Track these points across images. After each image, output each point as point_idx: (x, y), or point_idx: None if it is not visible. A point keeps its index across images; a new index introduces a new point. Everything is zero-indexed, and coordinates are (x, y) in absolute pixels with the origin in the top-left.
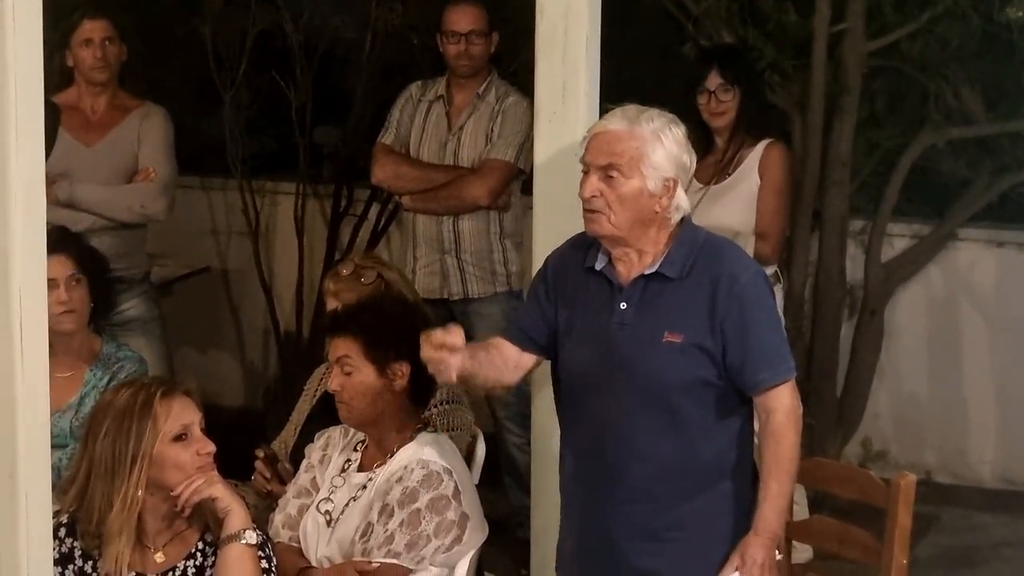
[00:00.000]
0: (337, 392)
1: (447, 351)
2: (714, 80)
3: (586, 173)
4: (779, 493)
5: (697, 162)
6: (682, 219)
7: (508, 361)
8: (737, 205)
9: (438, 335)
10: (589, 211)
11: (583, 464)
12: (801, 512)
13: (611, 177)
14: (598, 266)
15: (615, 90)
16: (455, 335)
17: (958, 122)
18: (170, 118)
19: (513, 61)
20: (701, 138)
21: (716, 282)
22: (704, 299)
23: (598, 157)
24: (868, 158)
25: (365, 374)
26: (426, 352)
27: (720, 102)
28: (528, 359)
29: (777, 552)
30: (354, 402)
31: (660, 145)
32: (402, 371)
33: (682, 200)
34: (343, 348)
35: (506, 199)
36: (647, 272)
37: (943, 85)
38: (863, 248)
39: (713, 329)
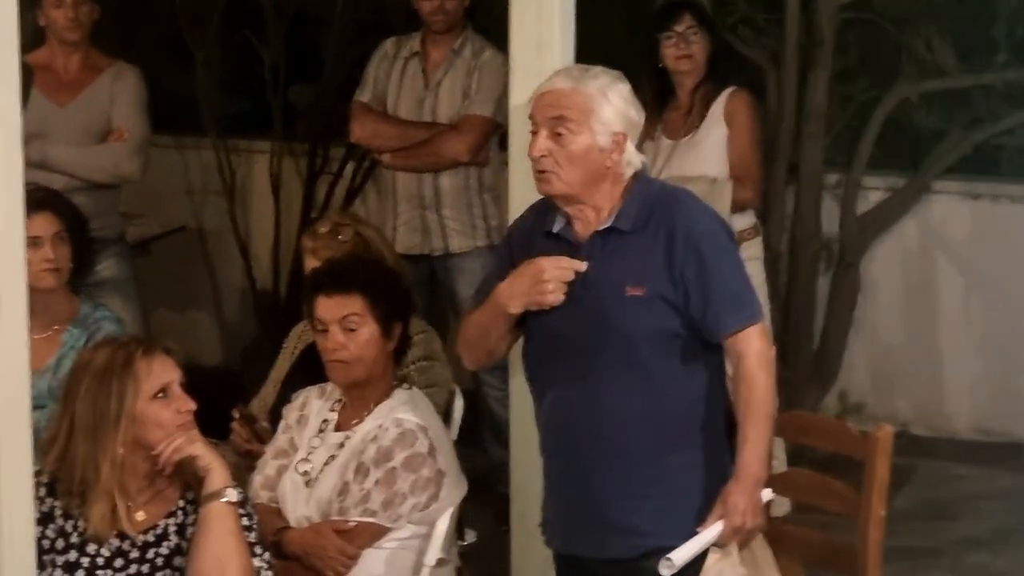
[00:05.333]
0: (336, 352)
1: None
2: (685, 23)
3: (534, 133)
4: (757, 437)
5: (661, 117)
6: (636, 174)
7: None
8: (709, 155)
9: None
10: (540, 171)
11: (557, 425)
12: (781, 466)
13: (560, 135)
14: (555, 228)
15: (588, 46)
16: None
17: (932, 75)
18: (143, 77)
19: (486, 18)
20: (663, 91)
21: (672, 232)
22: (662, 250)
23: (547, 111)
24: (842, 111)
25: (371, 332)
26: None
27: (689, 44)
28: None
29: (769, 492)
30: (357, 361)
31: (607, 101)
32: (397, 330)
33: (632, 155)
34: (348, 306)
35: (485, 154)
36: (602, 227)
37: (916, 38)
38: (838, 201)
39: (673, 279)
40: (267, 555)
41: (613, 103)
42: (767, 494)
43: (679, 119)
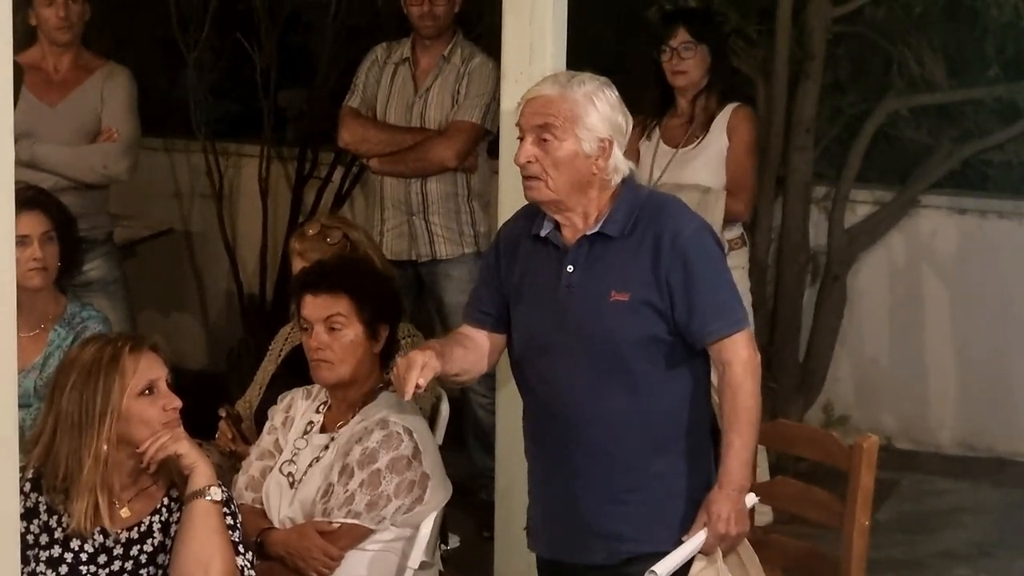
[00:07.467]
0: (319, 351)
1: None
2: (679, 38)
3: (521, 139)
4: (741, 445)
5: (661, 124)
6: (624, 180)
7: (481, 349)
8: (708, 166)
9: (418, 358)
10: (527, 178)
11: (541, 429)
12: (763, 475)
13: (545, 141)
14: (543, 232)
15: (580, 53)
16: (429, 366)
17: (921, 89)
18: (133, 78)
19: (477, 25)
20: (663, 99)
21: (659, 238)
22: (648, 256)
23: (532, 118)
24: (832, 124)
25: (356, 333)
26: (403, 369)
27: (682, 59)
28: (499, 339)
29: (753, 496)
30: (341, 362)
31: (593, 107)
32: (384, 333)
33: (619, 161)
34: (333, 305)
35: (473, 160)
36: (589, 232)
37: (906, 52)
38: (826, 214)
39: (659, 285)
40: (250, 555)
41: (599, 109)
42: (751, 499)
43: (680, 127)
